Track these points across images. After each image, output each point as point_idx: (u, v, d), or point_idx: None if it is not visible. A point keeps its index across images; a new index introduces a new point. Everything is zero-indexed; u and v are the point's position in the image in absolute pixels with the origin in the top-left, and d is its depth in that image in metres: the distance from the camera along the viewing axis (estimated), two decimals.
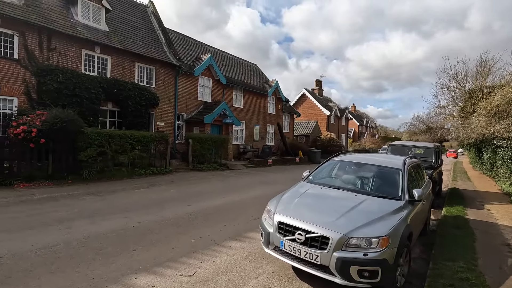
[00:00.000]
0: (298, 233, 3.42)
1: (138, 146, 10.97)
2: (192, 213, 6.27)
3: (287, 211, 3.81)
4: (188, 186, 9.52)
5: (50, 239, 4.37)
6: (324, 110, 34.09)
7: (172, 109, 15.77)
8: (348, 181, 4.94)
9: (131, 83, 13.08)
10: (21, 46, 10.24)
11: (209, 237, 4.92)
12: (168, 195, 7.91)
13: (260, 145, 22.14)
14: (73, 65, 11.61)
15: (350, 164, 5.39)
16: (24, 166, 8.20)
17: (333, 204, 3.99)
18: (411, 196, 4.18)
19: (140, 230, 5.01)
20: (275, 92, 23.83)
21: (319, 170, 5.45)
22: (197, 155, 13.78)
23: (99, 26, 12.79)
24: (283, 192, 4.60)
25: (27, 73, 10.37)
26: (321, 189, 4.54)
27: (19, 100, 10.20)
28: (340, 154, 6.06)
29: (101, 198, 7.09)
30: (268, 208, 4.14)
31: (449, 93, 21.42)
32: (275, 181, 11.70)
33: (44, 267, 3.51)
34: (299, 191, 4.46)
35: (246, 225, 5.72)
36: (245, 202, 7.65)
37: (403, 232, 3.46)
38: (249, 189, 9.70)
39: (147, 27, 15.68)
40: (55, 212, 5.75)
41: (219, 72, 18.28)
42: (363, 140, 56.49)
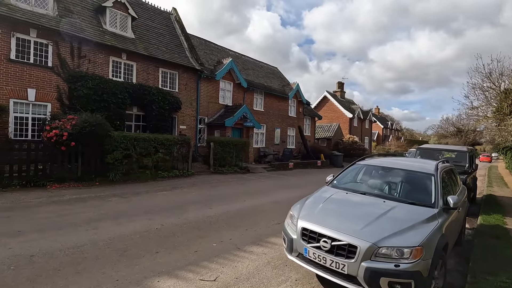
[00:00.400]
0: (323, 241, 3.27)
1: (161, 149, 11.22)
2: (213, 217, 6.26)
3: (311, 216, 3.68)
4: (209, 189, 9.57)
5: (78, 239, 4.51)
6: (347, 112, 33.31)
7: (194, 113, 16.04)
8: (375, 187, 4.71)
9: (155, 88, 13.46)
10: (55, 54, 10.85)
11: (230, 241, 4.86)
12: (190, 198, 7.99)
13: (280, 148, 21.97)
14: (101, 72, 12.13)
15: (377, 169, 5.15)
16: (56, 168, 8.62)
17: (360, 210, 3.79)
18: (445, 203, 3.90)
19: (162, 233, 5.05)
20: (296, 94, 23.60)
21: (344, 174, 5.26)
22: (218, 158, 13.88)
23: (125, 33, 13.30)
24: (307, 197, 4.46)
25: (60, 80, 10.95)
26: (347, 194, 4.36)
27: (52, 105, 10.78)
28: (365, 157, 5.83)
29: (126, 200, 7.28)
30: (291, 213, 4.02)
31: (482, 94, 20.16)
32: (297, 185, 11.51)
33: (71, 266, 3.61)
34: (323, 196, 4.30)
35: (267, 230, 5.61)
36: (266, 207, 7.54)
37: (438, 242, 3.22)
38: (270, 193, 9.59)
39: (170, 33, 16.11)
40: (83, 212, 5.95)
41: (240, 75, 18.39)
42: (388, 143, 54.55)
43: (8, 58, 9.79)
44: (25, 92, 10.14)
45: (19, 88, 10.01)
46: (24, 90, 10.12)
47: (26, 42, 10.25)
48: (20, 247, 4.08)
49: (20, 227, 4.88)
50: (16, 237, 4.43)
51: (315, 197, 4.38)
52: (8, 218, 5.35)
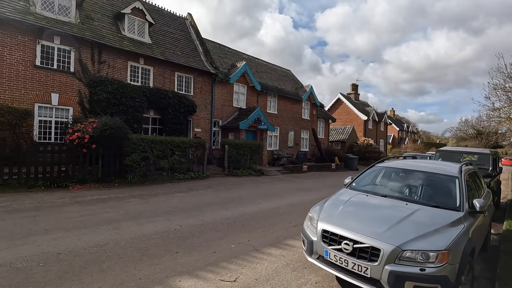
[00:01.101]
0: (345, 243, 3.23)
1: (177, 152, 11.40)
2: (230, 218, 6.29)
3: (332, 218, 3.64)
4: (224, 191, 9.64)
5: (101, 238, 4.64)
6: (361, 115, 32.82)
7: (209, 116, 16.23)
8: (396, 189, 4.63)
9: (171, 92, 13.73)
10: (76, 60, 11.27)
11: (249, 243, 4.88)
12: (206, 200, 8.07)
13: (294, 151, 21.86)
14: (120, 76, 12.49)
15: (397, 171, 5.06)
16: (78, 169, 8.91)
17: (382, 213, 3.73)
18: (471, 207, 3.79)
19: (181, 233, 5.12)
20: (310, 97, 23.48)
21: (363, 176, 5.19)
22: (232, 160, 13.96)
23: (143, 39, 13.66)
24: (325, 199, 4.43)
25: (81, 84, 11.35)
26: (367, 196, 4.29)
27: (74, 109, 11.18)
28: (385, 159, 5.73)
29: (144, 201, 7.43)
30: (310, 215, 4.00)
31: (505, 94, 19.42)
32: (312, 188, 11.42)
33: (96, 264, 3.72)
34: (343, 199, 4.26)
35: (285, 232, 5.60)
36: (282, 209, 7.52)
37: (465, 246, 3.13)
38: (285, 195, 9.56)
39: (186, 38, 16.42)
40: (105, 213, 6.12)
41: (254, 78, 18.49)
42: (404, 146, 53.25)
43: (34, 65, 10.24)
44: (49, 96, 10.57)
45: (43, 93, 10.44)
46: (48, 95, 10.55)
47: (50, 49, 10.69)
48: (47, 244, 4.24)
49: (47, 226, 5.07)
50: (43, 235, 4.61)
51: (334, 199, 4.34)
52: (35, 217, 5.57)
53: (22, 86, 10.02)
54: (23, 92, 10.03)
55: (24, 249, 4.03)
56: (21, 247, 4.11)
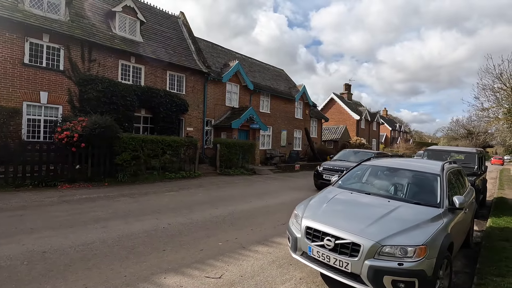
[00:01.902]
0: (327, 239, 3.30)
1: (168, 151, 11.38)
2: (220, 217, 6.33)
3: (316, 216, 3.71)
4: (216, 190, 9.66)
5: (88, 237, 4.63)
6: (354, 114, 33.12)
7: (201, 115, 16.21)
8: (381, 187, 4.72)
9: (162, 91, 13.68)
10: (66, 58, 11.15)
11: (236, 241, 4.92)
12: (196, 199, 8.08)
13: (287, 150, 21.97)
14: (111, 75, 12.40)
15: (383, 169, 5.15)
16: (67, 168, 8.83)
17: (364, 210, 3.81)
18: (451, 203, 3.89)
19: (169, 231, 5.14)
20: (302, 96, 23.62)
21: (349, 175, 5.28)
22: (224, 160, 13.98)
23: (134, 37, 13.58)
24: (311, 197, 4.49)
25: (71, 83, 11.24)
26: (351, 194, 4.37)
27: (63, 108, 11.07)
28: (371, 158, 5.83)
29: (134, 200, 7.41)
30: (296, 212, 4.06)
31: (493, 95, 19.83)
32: (303, 187, 11.51)
33: (82, 262, 3.72)
34: (328, 196, 4.33)
35: (273, 230, 5.65)
36: (272, 207, 7.58)
37: (442, 241, 3.22)
38: (276, 194, 9.62)
39: (178, 37, 16.36)
40: (93, 212, 6.10)
41: (246, 78, 18.52)
42: (396, 145, 53.89)
43: (22, 62, 10.11)
44: (37, 95, 10.44)
45: (32, 91, 10.31)
46: (36, 93, 10.42)
47: (39, 46, 10.56)
48: (32, 243, 4.22)
49: (33, 225, 5.04)
50: (29, 234, 4.58)
51: (319, 197, 4.41)
52: (21, 216, 5.52)
53: (10, 84, 9.88)
54: (11, 90, 9.89)
55: (8, 248, 4.00)
56: (5, 246, 4.08)
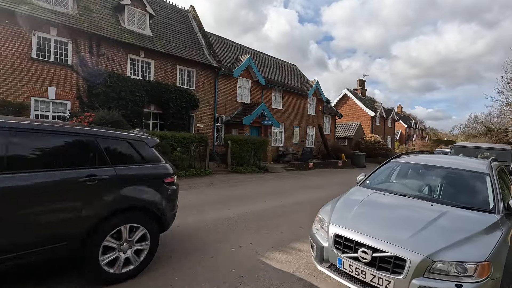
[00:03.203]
0: (362, 251, 2.76)
1: (178, 147, 10.99)
2: (232, 218, 5.85)
3: (346, 221, 3.17)
4: (227, 188, 9.20)
5: None
6: (368, 111, 32.07)
7: (212, 111, 15.79)
8: (416, 188, 4.13)
9: (172, 86, 13.31)
10: (74, 52, 10.89)
11: (251, 246, 4.42)
12: (207, 198, 7.64)
13: (299, 147, 21.34)
14: (119, 69, 12.09)
15: (416, 167, 4.55)
16: None
17: (403, 215, 3.24)
18: (507, 208, 3.27)
19: (176, 235, 4.69)
20: (316, 92, 22.88)
21: (377, 173, 4.70)
22: (236, 157, 13.52)
23: (143, 31, 13.23)
24: (336, 198, 3.95)
25: (79, 78, 10.98)
26: (384, 196, 3.80)
27: (71, 103, 10.82)
28: (401, 154, 5.22)
29: None
30: (320, 216, 3.53)
31: None
32: (319, 186, 10.92)
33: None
34: (357, 198, 3.77)
35: (290, 234, 5.13)
36: (288, 208, 7.05)
37: (507, 257, 2.63)
38: (291, 193, 9.08)
39: (188, 31, 15.95)
40: None
41: (258, 72, 17.97)
42: (411, 143, 52.27)
43: (30, 57, 9.89)
44: (45, 90, 10.22)
45: (39, 87, 10.09)
46: (44, 89, 10.20)
47: (47, 40, 10.32)
48: None
49: None
50: None
51: (346, 199, 3.86)
52: None
53: (18, 79, 9.67)
54: (19, 86, 9.69)
55: None
56: None
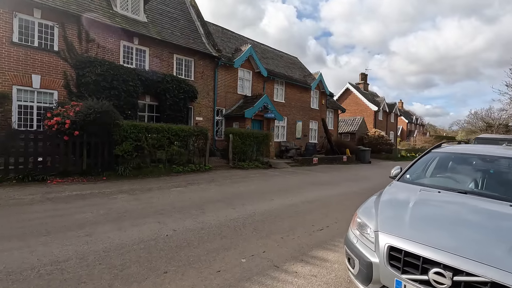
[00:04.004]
0: (437, 272, 1.92)
1: (176, 141, 10.12)
2: (238, 219, 5.01)
3: (402, 229, 2.33)
4: (230, 185, 8.36)
5: (62, 250, 3.38)
6: (371, 105, 31.27)
7: (211, 104, 14.89)
8: (474, 183, 3.29)
9: (169, 75, 12.40)
10: (61, 37, 9.95)
11: (264, 256, 3.59)
12: (208, 196, 6.79)
13: (302, 142, 20.51)
14: (112, 57, 11.16)
15: (468, 158, 3.71)
16: (59, 160, 7.66)
17: (483, 222, 2.41)
18: None
19: (174, 241, 3.85)
20: (319, 85, 22.01)
21: (418, 166, 3.87)
22: (237, 152, 12.66)
23: (137, 17, 12.29)
24: (374, 197, 3.13)
25: (67, 65, 10.05)
26: (440, 194, 2.97)
27: (59, 93, 9.91)
28: (442, 144, 4.40)
29: (134, 198, 6.16)
30: (360, 220, 2.70)
31: None
32: (328, 182, 10.10)
33: None
34: (405, 197, 2.94)
35: (309, 239, 4.30)
36: (300, 207, 6.21)
37: None
38: (299, 190, 8.25)
39: (185, 18, 15.00)
40: (80, 213, 4.87)
41: (260, 63, 17.06)
42: (412, 138, 51.64)
43: (11, 41, 8.95)
44: (29, 78, 9.29)
45: (22, 74, 9.16)
46: (28, 76, 9.27)
47: (30, 23, 9.38)
48: None
49: None
50: None
51: (391, 198, 3.02)
52: None
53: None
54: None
55: None
56: None
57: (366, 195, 8.07)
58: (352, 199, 7.43)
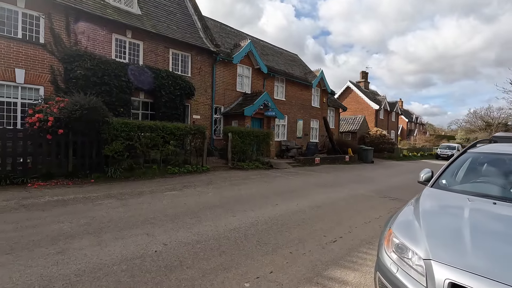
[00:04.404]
0: None
1: (171, 140, 9.47)
2: (239, 229, 4.39)
3: (464, 257, 1.72)
4: (229, 188, 7.73)
5: (24, 275, 2.74)
6: (373, 104, 30.71)
7: (209, 101, 14.24)
8: None
9: (164, 71, 11.73)
10: (47, 29, 9.26)
11: (272, 278, 2.97)
12: (205, 201, 6.16)
13: (303, 142, 19.91)
14: (103, 51, 10.49)
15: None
16: (42, 161, 7.00)
17: None
18: None
19: (164, 259, 3.22)
20: (320, 83, 21.39)
21: (454, 169, 3.25)
22: (237, 151, 12.03)
23: (131, 9, 11.62)
24: (410, 207, 2.52)
25: (54, 59, 9.38)
26: (496, 205, 2.35)
27: (45, 89, 9.24)
28: (477, 143, 3.79)
29: (122, 203, 5.52)
30: (399, 241, 2.09)
31: None
32: (334, 184, 9.49)
33: None
34: (454, 210, 2.33)
35: (322, 253, 3.68)
36: (307, 213, 5.60)
37: None
38: (304, 193, 7.64)
39: (182, 12, 14.32)
40: (57, 223, 4.22)
41: (260, 59, 16.42)
42: (413, 138, 51.24)
43: None
44: (12, 72, 8.61)
45: (4, 68, 8.49)
46: (10, 71, 8.59)
47: (13, 13, 8.69)
48: None
49: None
50: None
51: (434, 210, 2.41)
52: None
53: None
54: None
55: None
56: None
57: (375, 198, 7.44)
58: (361, 202, 6.85)
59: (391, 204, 6.85)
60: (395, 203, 6.97)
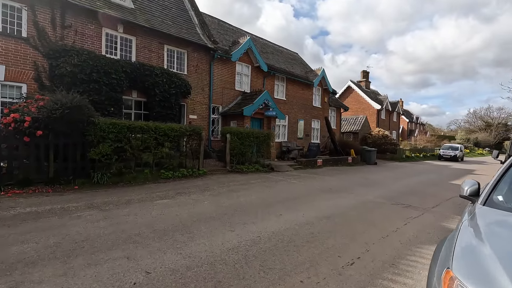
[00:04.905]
0: None
1: (165, 142, 8.79)
2: (239, 249, 3.71)
3: None
4: (227, 195, 7.05)
5: None
6: (374, 104, 30.10)
7: (206, 100, 13.57)
8: None
9: (158, 68, 11.04)
10: (31, 22, 8.57)
11: None
12: (200, 211, 5.48)
13: (304, 142, 19.26)
14: (92, 46, 9.80)
15: None
16: (18, 166, 6.30)
17: None
18: None
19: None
20: (321, 82, 20.75)
21: (509, 181, 2.59)
22: (236, 153, 11.36)
23: (123, 2, 10.93)
24: (467, 235, 1.86)
25: (38, 54, 8.68)
26: None
27: (28, 86, 8.54)
28: None
29: (104, 216, 4.83)
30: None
31: None
32: (338, 189, 8.83)
33: None
34: None
35: (340, 283, 3.01)
36: (315, 226, 4.92)
37: None
38: (309, 200, 6.97)
39: (178, 7, 13.64)
40: (20, 243, 3.54)
41: (259, 57, 15.76)
42: (413, 138, 50.66)
43: None
44: None
45: None
46: None
47: None
48: None
49: None
50: None
51: (494, 243, 1.75)
52: None
53: None
54: None
55: None
56: None
57: (386, 205, 6.71)
58: (371, 211, 6.19)
59: (405, 212, 6.20)
60: (410, 211, 6.32)
